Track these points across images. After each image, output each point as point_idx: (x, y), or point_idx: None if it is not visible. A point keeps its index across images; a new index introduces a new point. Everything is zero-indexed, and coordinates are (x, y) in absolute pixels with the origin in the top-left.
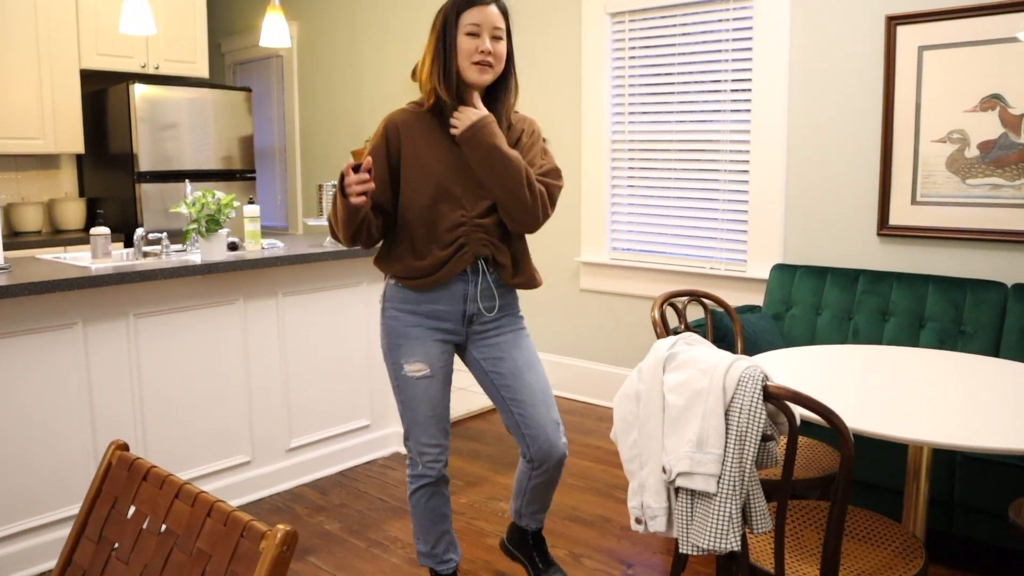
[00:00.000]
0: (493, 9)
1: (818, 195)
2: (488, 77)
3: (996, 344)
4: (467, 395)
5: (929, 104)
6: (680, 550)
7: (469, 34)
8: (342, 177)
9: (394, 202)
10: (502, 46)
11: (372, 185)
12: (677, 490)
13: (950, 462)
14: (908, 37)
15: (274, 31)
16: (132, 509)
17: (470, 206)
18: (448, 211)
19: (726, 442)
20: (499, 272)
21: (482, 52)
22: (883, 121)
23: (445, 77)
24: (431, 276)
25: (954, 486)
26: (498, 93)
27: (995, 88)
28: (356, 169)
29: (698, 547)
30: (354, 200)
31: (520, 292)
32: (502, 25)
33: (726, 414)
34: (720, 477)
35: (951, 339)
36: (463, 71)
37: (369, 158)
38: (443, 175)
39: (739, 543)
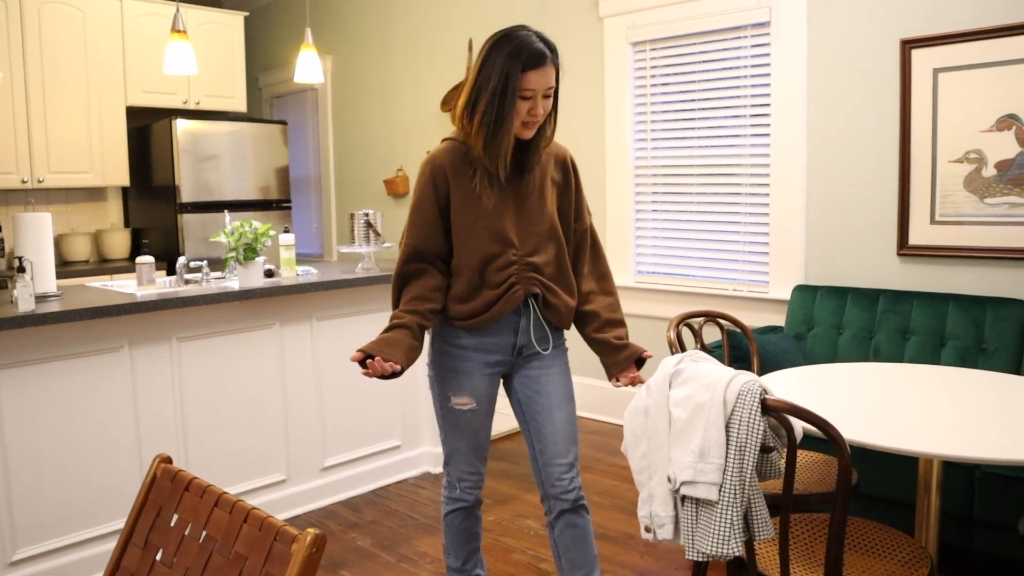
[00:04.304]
0: (549, 68)
1: (838, 216)
2: (532, 131)
3: (1017, 361)
4: (498, 417)
5: (945, 125)
6: (686, 556)
7: (524, 97)
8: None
9: (448, 245)
10: (551, 102)
11: (390, 367)
12: (683, 499)
13: (969, 478)
14: (923, 60)
15: (308, 68)
16: (175, 517)
17: (520, 244)
18: (499, 251)
19: (727, 452)
20: (547, 313)
21: (532, 114)
22: (900, 142)
23: (494, 139)
24: (481, 316)
25: (973, 502)
26: (537, 134)
27: (1011, 108)
28: (364, 363)
29: (703, 553)
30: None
31: None
32: (554, 83)
33: (727, 426)
34: (721, 486)
35: (972, 357)
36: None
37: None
38: (493, 215)
39: (741, 549)
